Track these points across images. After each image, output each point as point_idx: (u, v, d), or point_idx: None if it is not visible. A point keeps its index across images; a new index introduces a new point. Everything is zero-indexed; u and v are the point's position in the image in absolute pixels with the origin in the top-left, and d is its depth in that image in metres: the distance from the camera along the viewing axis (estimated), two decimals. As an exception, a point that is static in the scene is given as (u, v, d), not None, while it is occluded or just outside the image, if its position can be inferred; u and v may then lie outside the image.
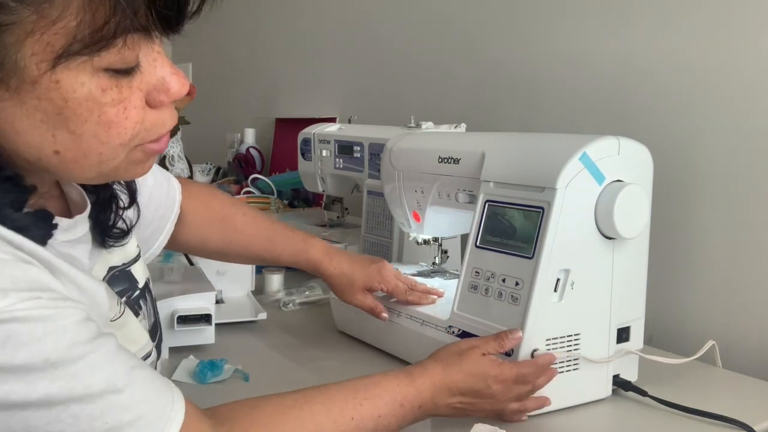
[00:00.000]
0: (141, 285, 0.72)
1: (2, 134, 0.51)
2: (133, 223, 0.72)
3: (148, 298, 0.73)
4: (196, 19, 0.53)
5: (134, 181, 0.74)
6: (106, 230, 0.67)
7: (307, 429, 0.63)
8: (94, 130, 0.52)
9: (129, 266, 0.71)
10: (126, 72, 0.52)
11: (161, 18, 0.50)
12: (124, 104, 0.52)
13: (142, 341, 0.67)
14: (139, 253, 0.74)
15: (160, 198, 0.88)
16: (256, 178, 1.98)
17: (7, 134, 0.51)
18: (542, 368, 0.77)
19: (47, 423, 0.48)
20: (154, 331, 0.73)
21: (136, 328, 0.67)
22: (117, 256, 0.69)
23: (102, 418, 0.50)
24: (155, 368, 0.70)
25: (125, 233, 0.69)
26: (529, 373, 0.76)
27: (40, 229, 0.54)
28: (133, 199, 0.72)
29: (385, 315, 0.97)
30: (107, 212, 0.67)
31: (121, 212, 0.69)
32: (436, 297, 0.98)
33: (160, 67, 0.54)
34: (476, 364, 0.75)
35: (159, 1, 0.49)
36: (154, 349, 0.70)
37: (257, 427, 0.61)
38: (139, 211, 0.75)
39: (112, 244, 0.68)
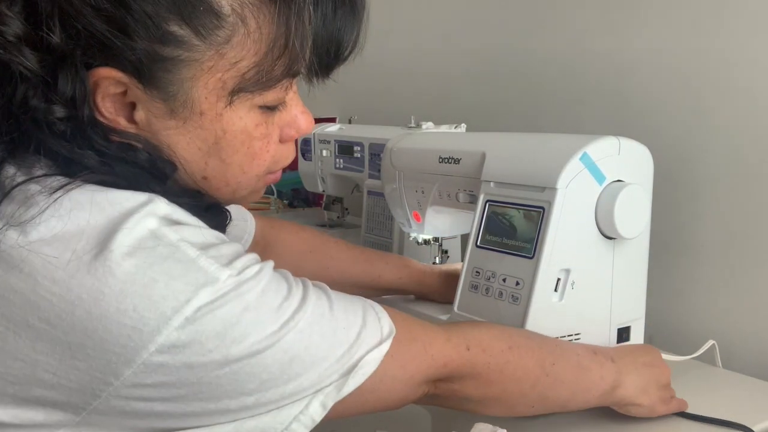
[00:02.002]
0: None
1: (172, 156, 0.55)
2: None
3: None
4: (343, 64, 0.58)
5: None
6: None
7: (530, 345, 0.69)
8: (240, 161, 0.57)
9: None
10: (274, 109, 0.57)
11: (321, 64, 0.57)
12: (267, 139, 0.58)
13: None
14: None
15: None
16: (256, 178, 1.98)
17: (173, 155, 0.55)
18: None
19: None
20: None
21: None
22: None
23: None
24: None
25: None
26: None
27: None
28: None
29: None
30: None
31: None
32: None
33: (294, 105, 0.60)
34: (637, 344, 0.81)
35: (321, 48, 0.55)
36: None
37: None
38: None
39: None
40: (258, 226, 0.94)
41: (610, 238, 0.81)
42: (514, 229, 0.81)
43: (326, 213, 1.70)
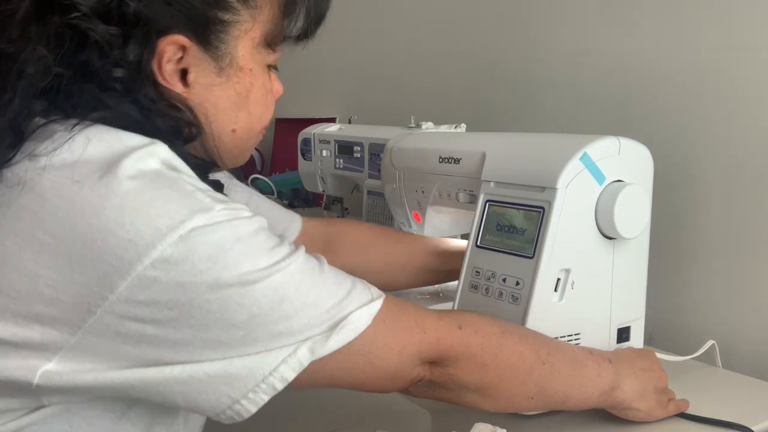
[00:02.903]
0: None
1: (206, 115, 0.63)
2: None
3: None
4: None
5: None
6: None
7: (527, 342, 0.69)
8: (260, 112, 0.68)
9: None
10: (270, 69, 0.68)
11: (309, 30, 0.68)
12: (271, 94, 0.69)
13: None
14: None
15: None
16: (256, 178, 1.98)
17: (210, 114, 0.63)
18: None
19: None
20: None
21: None
22: None
23: None
24: None
25: None
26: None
27: None
28: None
29: None
30: None
31: None
32: None
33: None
34: (633, 349, 0.81)
35: (314, 15, 0.67)
36: None
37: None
38: None
39: None
40: (312, 224, 0.99)
41: (610, 238, 0.81)
42: (514, 229, 0.81)
43: (326, 213, 1.70)
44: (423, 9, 1.61)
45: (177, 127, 0.60)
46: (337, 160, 1.43)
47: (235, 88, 0.64)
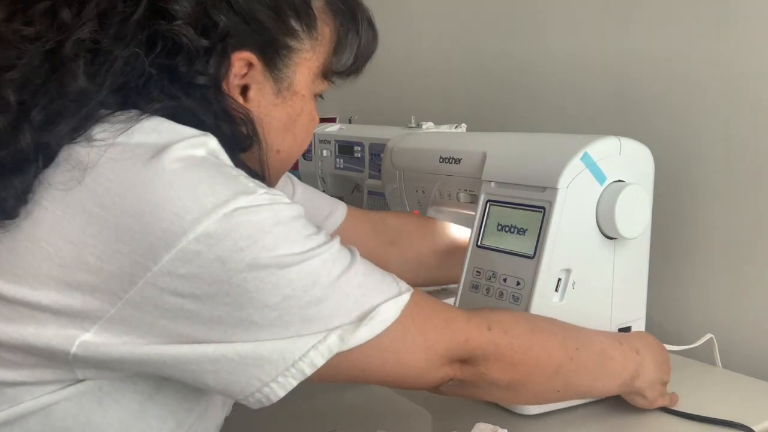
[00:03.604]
0: None
1: (264, 132, 0.66)
2: None
3: None
4: None
5: None
6: None
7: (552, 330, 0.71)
8: (303, 137, 0.72)
9: None
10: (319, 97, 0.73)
11: (355, 68, 0.75)
12: (314, 122, 0.73)
13: None
14: None
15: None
16: (256, 178, 1.98)
17: (261, 131, 0.66)
18: None
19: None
20: None
21: None
22: None
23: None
24: None
25: None
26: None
27: None
28: None
29: None
30: None
31: None
32: None
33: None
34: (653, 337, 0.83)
35: (363, 53, 0.75)
36: None
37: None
38: None
39: None
40: (380, 216, 1.03)
41: (610, 238, 0.81)
42: (515, 229, 0.81)
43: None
44: (423, 9, 1.61)
45: (237, 134, 0.63)
46: (338, 160, 1.43)
47: (288, 111, 0.68)
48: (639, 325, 0.87)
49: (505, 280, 0.81)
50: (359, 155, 1.36)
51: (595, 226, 0.80)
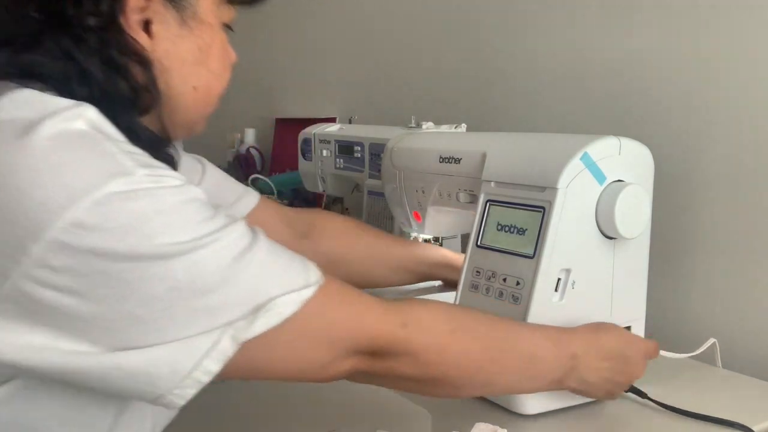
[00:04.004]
0: None
1: (168, 72, 0.63)
2: None
3: None
4: None
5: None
6: None
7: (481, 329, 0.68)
8: (220, 71, 0.68)
9: None
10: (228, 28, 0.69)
11: None
12: (229, 54, 0.70)
13: None
14: None
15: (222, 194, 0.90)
16: (257, 178, 1.98)
17: (173, 69, 0.63)
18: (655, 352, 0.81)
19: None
20: None
21: None
22: None
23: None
24: None
25: None
26: (654, 349, 0.80)
27: None
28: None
29: None
30: None
31: None
32: None
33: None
34: (625, 332, 0.79)
35: None
36: None
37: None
38: None
39: None
40: (293, 210, 1.00)
41: (610, 238, 0.81)
42: (515, 228, 0.81)
43: (326, 213, 1.70)
44: (423, 9, 1.61)
45: (136, 93, 0.60)
46: (338, 160, 1.43)
47: (197, 43, 0.65)
48: (639, 325, 0.87)
49: (504, 279, 0.81)
50: (359, 155, 1.36)
51: (594, 226, 0.80)
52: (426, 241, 1.09)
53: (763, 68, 0.96)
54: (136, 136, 0.57)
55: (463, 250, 0.89)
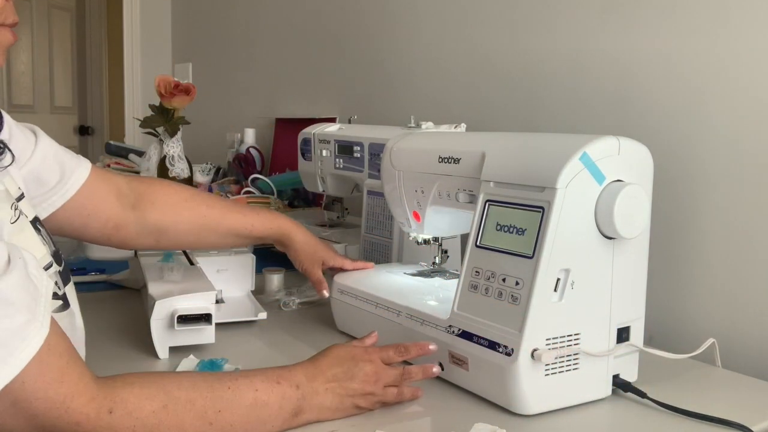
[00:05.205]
0: (31, 218, 0.74)
1: None
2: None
3: (41, 228, 0.75)
4: None
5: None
6: None
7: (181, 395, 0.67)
8: None
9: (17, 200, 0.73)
10: None
11: None
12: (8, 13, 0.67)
13: (42, 251, 0.70)
14: (23, 194, 0.76)
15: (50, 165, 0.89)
16: (256, 178, 1.98)
17: None
18: (406, 349, 0.83)
19: None
20: (58, 257, 0.75)
21: (32, 236, 0.70)
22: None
23: None
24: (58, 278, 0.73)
25: None
26: (393, 351, 0.82)
27: None
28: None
29: (325, 293, 1.09)
30: None
31: None
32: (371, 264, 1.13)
33: None
34: (342, 349, 0.81)
35: None
36: (53, 260, 0.72)
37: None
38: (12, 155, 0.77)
39: None
40: (125, 180, 1.00)
41: (609, 238, 0.81)
42: (514, 228, 0.81)
43: (326, 213, 1.70)
44: (423, 9, 1.61)
45: None
46: (337, 160, 1.43)
47: None
48: (638, 325, 0.87)
49: (504, 280, 0.81)
50: (359, 155, 1.36)
51: (594, 226, 0.80)
52: (425, 241, 1.09)
53: (763, 68, 0.96)
54: None
55: (463, 250, 0.89)
